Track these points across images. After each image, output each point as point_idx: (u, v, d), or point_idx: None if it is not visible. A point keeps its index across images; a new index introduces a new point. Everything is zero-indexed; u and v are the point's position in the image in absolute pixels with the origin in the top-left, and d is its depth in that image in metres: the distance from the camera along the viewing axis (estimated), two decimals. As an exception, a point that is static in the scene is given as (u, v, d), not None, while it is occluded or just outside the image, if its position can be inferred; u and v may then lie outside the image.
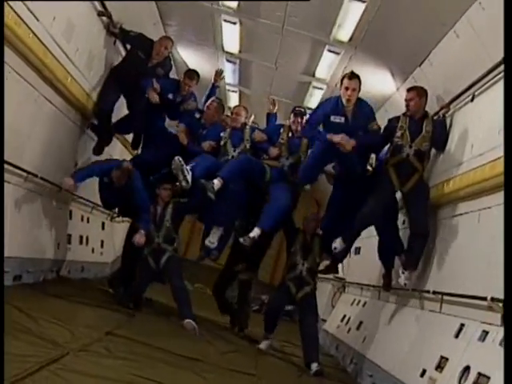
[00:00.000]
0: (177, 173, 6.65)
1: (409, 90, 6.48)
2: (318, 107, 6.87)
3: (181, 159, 6.68)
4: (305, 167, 7.02)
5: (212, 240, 7.22)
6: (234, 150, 7.40)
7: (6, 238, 6.03)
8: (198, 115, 7.94)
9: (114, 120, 8.06)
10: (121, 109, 8.15)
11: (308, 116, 7.15)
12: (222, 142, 7.48)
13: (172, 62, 8.38)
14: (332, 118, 6.27)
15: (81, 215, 8.94)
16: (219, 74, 8.27)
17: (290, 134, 7.36)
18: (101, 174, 7.40)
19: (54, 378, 3.51)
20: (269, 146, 7.37)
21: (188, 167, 6.73)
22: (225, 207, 7.08)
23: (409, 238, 6.43)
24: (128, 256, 7.86)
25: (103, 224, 10.27)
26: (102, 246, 10.06)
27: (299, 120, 7.28)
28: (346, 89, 6.18)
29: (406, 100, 6.42)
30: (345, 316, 8.85)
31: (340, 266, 7.83)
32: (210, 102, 7.91)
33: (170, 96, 7.89)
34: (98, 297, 7.13)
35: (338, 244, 6.54)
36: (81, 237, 8.92)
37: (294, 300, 6.85)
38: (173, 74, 9.19)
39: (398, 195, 6.58)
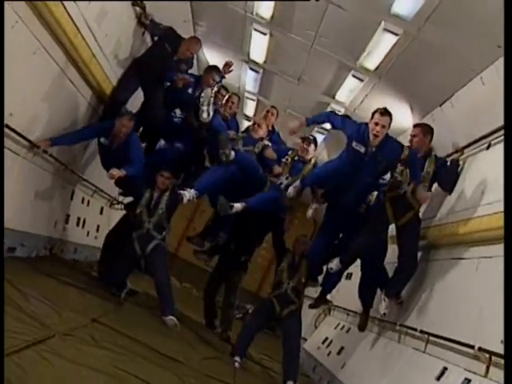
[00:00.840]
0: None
1: (415, 125, 6.61)
2: (346, 118, 6.79)
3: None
4: (317, 174, 7.10)
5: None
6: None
7: (6, 210, 6.06)
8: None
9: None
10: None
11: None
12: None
13: (194, 61, 8.39)
14: (354, 145, 6.24)
15: (82, 197, 8.95)
16: (228, 65, 8.01)
17: (296, 158, 7.52)
18: (94, 135, 7.37)
19: (38, 360, 3.54)
20: (274, 164, 7.59)
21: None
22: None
23: (396, 268, 6.50)
24: (112, 240, 7.91)
25: (102, 209, 10.28)
26: (97, 230, 10.06)
27: (306, 146, 7.47)
28: (376, 124, 6.08)
29: (410, 135, 6.54)
30: (327, 339, 8.86)
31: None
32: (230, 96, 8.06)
33: (190, 91, 7.86)
34: (88, 281, 7.08)
35: (334, 265, 6.57)
36: (78, 218, 8.93)
37: (279, 317, 6.84)
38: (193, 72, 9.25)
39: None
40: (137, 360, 4.61)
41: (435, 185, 6.63)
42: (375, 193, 7.08)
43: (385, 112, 6.10)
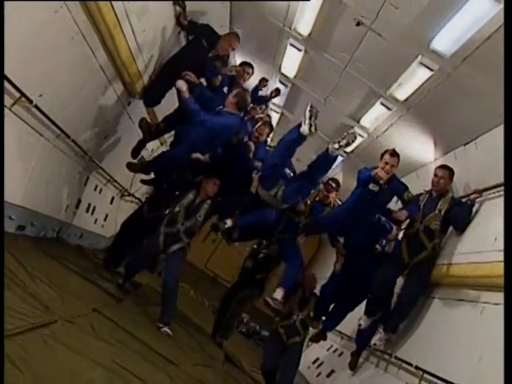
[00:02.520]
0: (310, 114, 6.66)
1: (442, 167, 6.66)
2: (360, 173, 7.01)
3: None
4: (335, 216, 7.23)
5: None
6: None
7: (22, 187, 6.12)
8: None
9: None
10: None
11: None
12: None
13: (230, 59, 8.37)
14: (371, 186, 6.52)
15: (95, 185, 9.00)
16: (265, 80, 8.24)
17: (317, 198, 7.53)
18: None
19: (41, 344, 3.61)
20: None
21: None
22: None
23: (396, 303, 6.52)
24: (128, 231, 7.96)
25: (112, 199, 10.32)
26: (105, 219, 10.10)
27: (326, 193, 7.44)
28: (386, 163, 6.58)
29: (435, 176, 6.60)
30: (318, 359, 8.85)
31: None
32: (260, 126, 7.90)
33: (225, 90, 7.84)
34: (92, 269, 7.14)
35: (363, 321, 6.83)
36: (89, 205, 8.98)
37: (284, 346, 6.91)
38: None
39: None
40: (132, 356, 4.66)
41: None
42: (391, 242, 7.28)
43: (394, 153, 6.65)
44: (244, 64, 8.07)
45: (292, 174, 7.39)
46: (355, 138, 6.66)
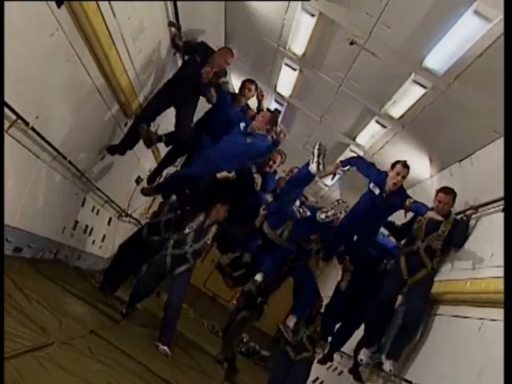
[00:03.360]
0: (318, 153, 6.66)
1: (445, 192, 6.59)
2: (372, 165, 7.17)
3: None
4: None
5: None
6: None
7: (19, 209, 6.12)
8: None
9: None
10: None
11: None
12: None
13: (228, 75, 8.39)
14: (371, 186, 6.66)
15: (93, 205, 8.99)
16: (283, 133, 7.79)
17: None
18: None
19: (36, 366, 3.56)
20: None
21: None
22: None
23: (400, 328, 6.48)
24: (126, 249, 8.02)
25: (110, 219, 10.31)
26: (102, 240, 10.09)
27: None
28: (397, 174, 6.68)
29: (439, 202, 6.56)
30: (317, 378, 8.79)
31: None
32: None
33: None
34: (90, 291, 7.13)
35: (363, 356, 6.85)
36: (86, 226, 8.96)
37: (292, 362, 6.88)
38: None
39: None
40: (130, 378, 4.63)
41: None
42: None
43: (406, 165, 6.72)
44: (246, 81, 8.04)
45: (302, 205, 7.42)
46: (345, 210, 6.70)
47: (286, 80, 8.51)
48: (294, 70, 7.99)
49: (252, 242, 7.32)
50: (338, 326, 7.69)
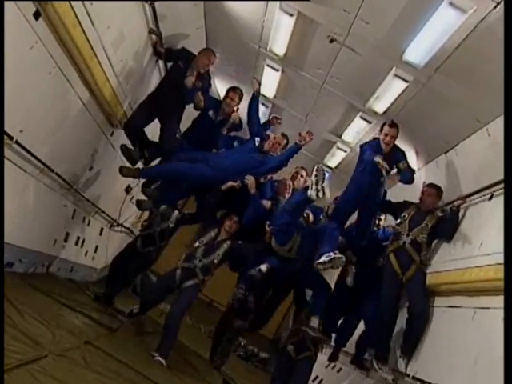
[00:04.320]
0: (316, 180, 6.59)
1: (429, 185, 6.82)
2: (366, 149, 7.07)
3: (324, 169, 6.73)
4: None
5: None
6: None
7: (8, 224, 6.09)
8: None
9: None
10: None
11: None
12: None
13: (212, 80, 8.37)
14: (376, 158, 6.58)
15: (83, 217, 8.96)
16: (277, 118, 8.22)
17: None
18: None
19: (30, 380, 3.53)
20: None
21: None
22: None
23: (406, 331, 6.47)
24: (121, 262, 7.98)
25: (101, 230, 10.29)
26: (95, 250, 10.06)
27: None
28: (386, 135, 6.73)
29: (422, 192, 6.76)
30: (317, 377, 8.79)
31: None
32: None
33: (210, 113, 7.89)
34: (84, 302, 7.09)
35: (367, 355, 7.03)
36: (78, 238, 8.93)
37: (293, 362, 6.86)
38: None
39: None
40: (126, 386, 4.62)
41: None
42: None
43: (393, 124, 6.74)
44: (230, 90, 8.02)
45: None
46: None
47: (270, 81, 8.53)
48: (277, 70, 8.04)
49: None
50: (341, 321, 7.63)
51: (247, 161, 7.35)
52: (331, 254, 6.24)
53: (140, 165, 8.04)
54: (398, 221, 6.80)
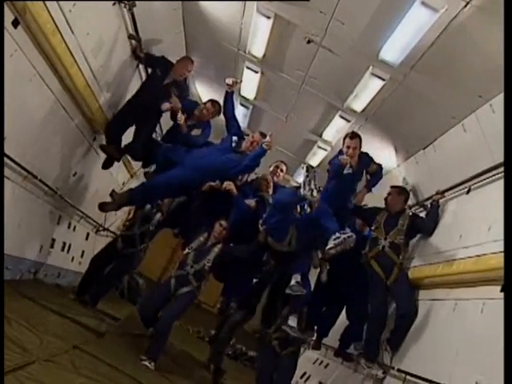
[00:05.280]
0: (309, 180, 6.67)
1: (393, 188, 7.02)
2: (334, 162, 7.09)
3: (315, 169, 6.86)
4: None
5: None
6: None
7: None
8: None
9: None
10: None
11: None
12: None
13: (189, 86, 8.43)
14: (345, 171, 6.64)
15: (69, 222, 8.98)
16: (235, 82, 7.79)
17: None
18: None
19: (18, 386, 3.56)
20: None
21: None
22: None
23: (395, 322, 6.52)
24: (101, 261, 8.04)
25: (88, 235, 10.31)
26: (82, 255, 10.07)
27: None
28: (348, 147, 6.71)
29: (388, 196, 6.98)
30: (305, 373, 8.87)
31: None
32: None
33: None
34: (71, 307, 7.10)
35: (353, 349, 7.14)
36: (64, 243, 8.95)
37: (278, 357, 6.89)
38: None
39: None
40: (116, 389, 4.66)
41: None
42: None
43: (353, 135, 6.80)
44: (211, 102, 7.98)
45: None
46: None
47: (249, 83, 8.61)
48: (256, 72, 8.11)
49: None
50: (323, 312, 7.68)
51: (223, 161, 7.32)
52: (339, 235, 6.15)
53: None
54: (373, 226, 6.85)
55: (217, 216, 7.05)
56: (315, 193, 6.56)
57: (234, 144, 7.41)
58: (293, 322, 6.70)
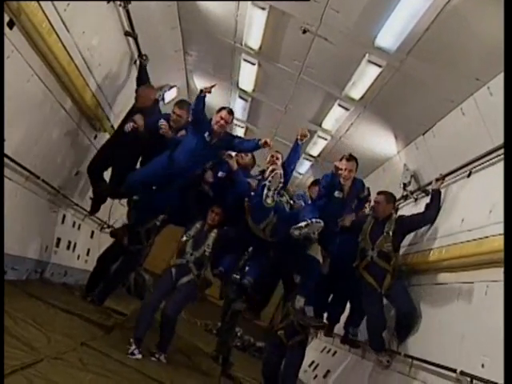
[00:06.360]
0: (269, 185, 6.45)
1: (379, 193, 6.85)
2: (321, 181, 7.08)
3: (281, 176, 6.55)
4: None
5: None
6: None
7: (-1, 233, 6.15)
8: None
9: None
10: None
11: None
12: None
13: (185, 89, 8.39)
14: (336, 194, 6.54)
15: (73, 221, 9.03)
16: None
17: None
18: None
19: (26, 385, 3.59)
20: None
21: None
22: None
23: (396, 322, 6.54)
24: (108, 259, 8.08)
25: (92, 233, 10.36)
26: (87, 254, 10.13)
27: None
28: (343, 169, 6.53)
29: (374, 201, 6.84)
30: (313, 362, 8.92)
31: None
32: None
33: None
34: (78, 304, 7.12)
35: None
36: (69, 242, 8.99)
37: (285, 347, 6.88)
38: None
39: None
40: (124, 384, 4.68)
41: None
42: None
43: (350, 158, 6.59)
44: (176, 104, 7.51)
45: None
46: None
47: (247, 75, 8.61)
48: (253, 64, 8.11)
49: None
50: (330, 299, 7.67)
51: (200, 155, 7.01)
52: (308, 220, 6.19)
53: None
54: (360, 237, 6.75)
55: (210, 202, 6.99)
56: (270, 200, 6.42)
57: (207, 139, 7.12)
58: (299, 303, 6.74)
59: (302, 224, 6.17)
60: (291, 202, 7.15)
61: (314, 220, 6.17)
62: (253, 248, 7.36)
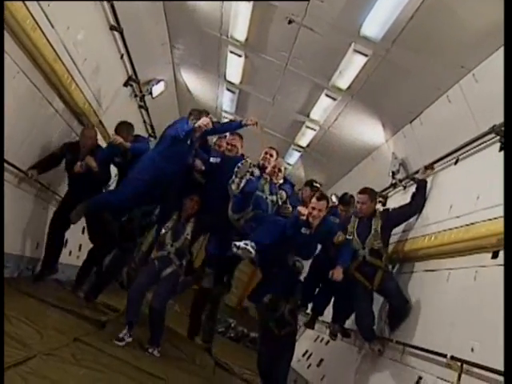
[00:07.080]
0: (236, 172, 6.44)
1: (361, 192, 6.71)
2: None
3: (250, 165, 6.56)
4: None
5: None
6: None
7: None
8: None
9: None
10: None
11: None
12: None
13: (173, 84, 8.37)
14: (303, 230, 6.32)
15: (63, 217, 8.98)
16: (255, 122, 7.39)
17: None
18: None
19: (20, 381, 3.59)
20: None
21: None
22: None
23: (389, 313, 6.54)
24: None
25: (83, 228, 10.31)
26: (79, 249, 10.08)
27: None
28: (313, 208, 6.26)
29: (358, 202, 6.72)
30: (307, 351, 8.98)
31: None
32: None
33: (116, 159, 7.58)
34: (70, 300, 7.13)
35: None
36: (60, 238, 8.95)
37: (277, 338, 6.93)
38: (172, 98, 9.38)
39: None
40: (117, 378, 4.68)
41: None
42: None
43: (321, 197, 6.34)
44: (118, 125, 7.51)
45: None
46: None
47: (234, 67, 8.60)
48: (240, 56, 8.09)
49: None
50: (317, 291, 7.67)
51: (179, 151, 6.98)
52: (243, 244, 6.01)
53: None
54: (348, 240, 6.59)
55: (186, 194, 7.01)
56: (235, 187, 6.42)
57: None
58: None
59: (239, 244, 6.01)
60: (280, 203, 7.15)
61: (249, 247, 5.98)
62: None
